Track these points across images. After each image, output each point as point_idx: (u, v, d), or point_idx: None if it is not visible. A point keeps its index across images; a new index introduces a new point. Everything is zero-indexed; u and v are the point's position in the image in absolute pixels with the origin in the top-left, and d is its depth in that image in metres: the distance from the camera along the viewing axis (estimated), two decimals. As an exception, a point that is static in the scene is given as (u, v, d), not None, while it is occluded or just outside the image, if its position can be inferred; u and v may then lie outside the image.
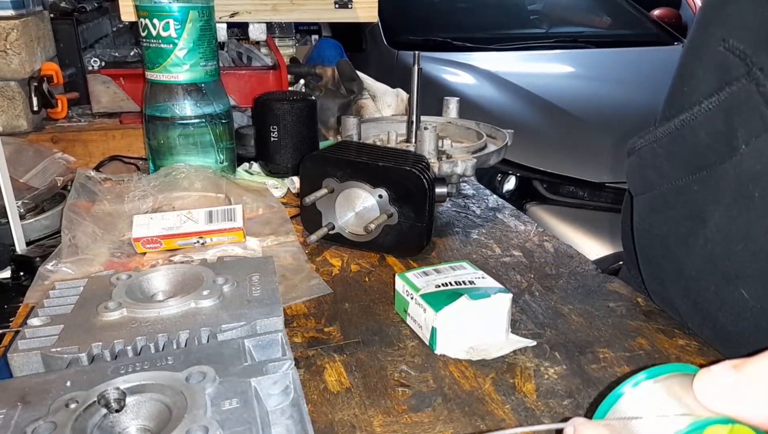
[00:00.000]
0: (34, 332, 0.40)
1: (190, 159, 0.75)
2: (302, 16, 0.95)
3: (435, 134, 0.67)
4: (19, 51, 0.86)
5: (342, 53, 1.36)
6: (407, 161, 0.60)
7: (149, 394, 0.33)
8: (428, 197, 0.58)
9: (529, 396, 0.41)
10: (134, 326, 0.41)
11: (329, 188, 0.61)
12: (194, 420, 0.30)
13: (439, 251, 0.63)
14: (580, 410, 0.40)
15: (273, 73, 0.99)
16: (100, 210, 0.66)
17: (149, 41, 0.71)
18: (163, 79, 0.72)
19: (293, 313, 0.51)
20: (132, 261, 0.58)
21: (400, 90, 1.08)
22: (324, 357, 0.45)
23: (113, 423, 0.32)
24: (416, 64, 0.70)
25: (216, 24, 0.76)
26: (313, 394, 0.41)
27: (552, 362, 0.45)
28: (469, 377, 0.43)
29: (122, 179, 0.73)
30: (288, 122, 0.79)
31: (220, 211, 0.61)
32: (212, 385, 0.33)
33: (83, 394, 0.32)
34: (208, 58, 0.73)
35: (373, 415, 0.39)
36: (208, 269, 0.48)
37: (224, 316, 0.42)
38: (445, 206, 0.75)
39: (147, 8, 0.69)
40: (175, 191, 0.70)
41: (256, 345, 0.39)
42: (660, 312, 0.52)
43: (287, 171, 0.81)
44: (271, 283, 0.47)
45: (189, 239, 0.60)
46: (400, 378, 0.43)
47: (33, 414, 0.32)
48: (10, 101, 0.88)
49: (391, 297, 0.54)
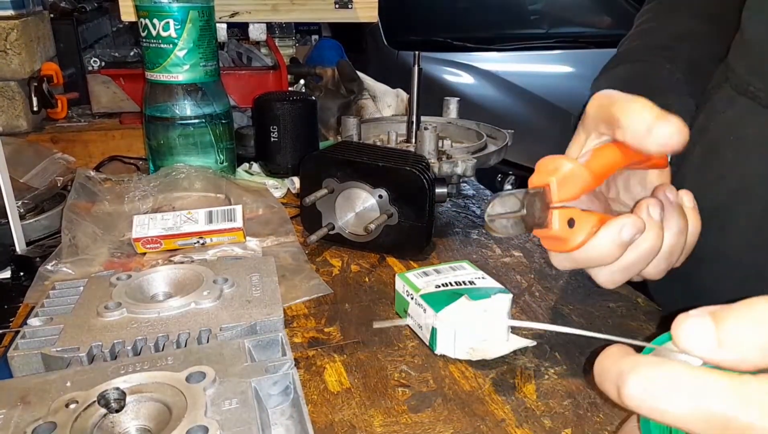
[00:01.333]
0: (34, 332, 0.40)
1: (190, 159, 0.75)
2: (302, 17, 0.95)
3: (435, 134, 0.67)
4: (19, 51, 0.86)
5: (342, 53, 1.36)
6: (407, 162, 0.60)
7: (149, 394, 0.33)
8: (428, 197, 0.58)
9: (529, 397, 0.41)
10: (134, 326, 0.41)
11: (329, 188, 0.61)
12: (194, 420, 0.30)
13: (439, 252, 0.63)
14: (580, 410, 0.40)
15: (273, 74, 0.99)
16: (100, 210, 0.66)
17: (149, 41, 0.71)
18: (162, 79, 0.72)
19: (293, 313, 0.51)
20: (132, 261, 0.58)
21: (401, 90, 1.08)
22: (324, 358, 0.45)
23: (113, 423, 0.32)
24: (416, 64, 0.70)
25: (216, 24, 0.76)
26: (313, 394, 0.41)
27: (552, 362, 0.45)
28: (469, 377, 0.43)
29: (122, 179, 0.73)
30: (288, 123, 0.79)
31: (220, 211, 0.61)
32: (212, 385, 0.33)
33: (83, 394, 0.32)
34: (208, 58, 0.73)
35: (373, 415, 0.39)
36: (208, 270, 0.48)
37: (224, 316, 0.42)
38: (445, 207, 0.75)
39: (147, 8, 0.69)
40: (175, 191, 0.70)
41: (256, 345, 0.39)
42: (660, 312, 0.52)
43: (287, 171, 0.81)
44: (271, 283, 0.47)
45: (189, 240, 0.60)
46: (400, 378, 0.43)
47: (33, 414, 0.32)
48: (9, 101, 0.88)
49: (391, 297, 0.54)
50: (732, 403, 0.22)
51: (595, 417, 0.39)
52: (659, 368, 0.24)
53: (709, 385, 0.22)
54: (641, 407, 0.24)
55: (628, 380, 0.24)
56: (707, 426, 0.22)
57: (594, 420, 0.39)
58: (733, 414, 0.22)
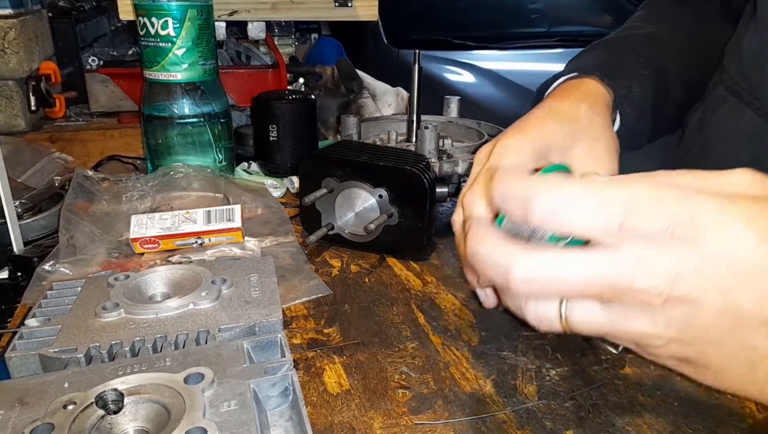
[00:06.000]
0: (32, 333, 0.40)
1: (188, 159, 0.75)
2: (302, 15, 0.95)
3: (435, 133, 0.67)
4: (17, 50, 0.86)
5: (342, 52, 1.36)
6: (407, 161, 0.59)
7: (147, 395, 0.33)
8: (429, 197, 0.58)
9: (530, 398, 0.41)
10: (132, 327, 0.41)
11: (329, 187, 0.61)
12: (192, 421, 0.30)
13: (439, 252, 0.63)
14: (582, 412, 0.39)
15: (272, 72, 0.99)
16: (98, 210, 0.65)
17: (147, 40, 0.70)
18: (161, 78, 0.72)
19: (292, 314, 0.51)
20: (130, 262, 0.58)
21: (401, 89, 1.07)
22: (323, 359, 0.45)
23: (111, 425, 0.32)
24: (417, 62, 0.70)
25: (215, 22, 0.76)
26: (312, 396, 0.41)
27: (554, 363, 0.45)
28: (470, 379, 0.43)
29: (120, 178, 0.73)
30: (287, 122, 0.79)
31: (219, 211, 0.61)
32: (210, 387, 0.33)
33: (81, 395, 0.32)
34: (206, 57, 0.73)
35: (373, 417, 0.39)
36: (206, 270, 0.47)
37: (223, 317, 0.42)
38: (445, 206, 0.75)
39: (145, 6, 0.69)
40: (173, 190, 0.69)
41: (254, 346, 0.38)
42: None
43: (286, 171, 0.81)
44: (270, 284, 0.47)
45: (187, 240, 0.60)
46: (400, 379, 0.43)
47: (31, 415, 0.31)
48: (7, 100, 0.87)
49: (392, 297, 0.53)
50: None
51: (597, 418, 0.39)
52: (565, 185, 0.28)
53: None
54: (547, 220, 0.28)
55: (535, 198, 0.28)
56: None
57: (595, 421, 0.38)
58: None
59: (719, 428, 0.38)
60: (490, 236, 0.30)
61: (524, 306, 0.30)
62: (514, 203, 0.28)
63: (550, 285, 0.28)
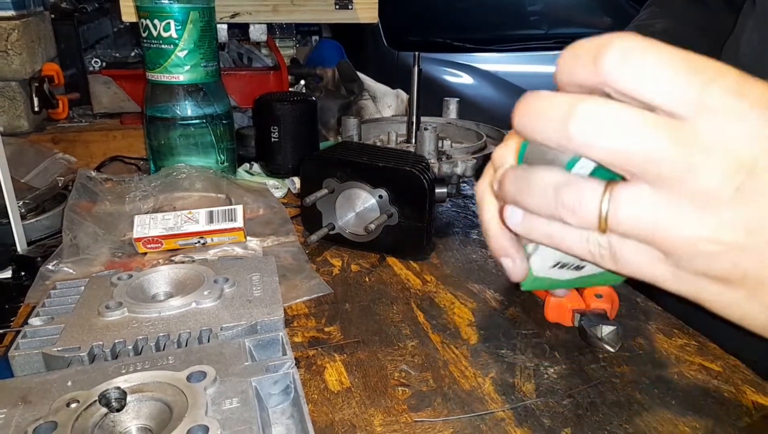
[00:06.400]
0: (35, 331, 0.40)
1: (190, 159, 0.75)
2: (303, 17, 0.95)
3: (435, 134, 0.67)
4: (20, 51, 0.86)
5: (342, 54, 1.37)
6: (407, 162, 0.60)
7: (150, 394, 0.33)
8: (428, 197, 0.58)
9: (528, 396, 0.41)
10: (135, 325, 0.41)
11: (330, 188, 0.61)
12: (195, 419, 0.30)
13: (439, 252, 0.63)
14: (580, 410, 0.40)
15: (273, 74, 0.99)
16: (101, 210, 0.66)
17: (150, 42, 0.71)
18: (163, 79, 0.72)
19: (294, 313, 0.51)
20: (133, 261, 0.58)
21: (401, 91, 1.08)
22: (324, 357, 0.45)
23: (114, 423, 0.32)
24: (416, 64, 0.70)
25: (217, 25, 0.76)
26: (313, 394, 0.41)
27: (552, 361, 0.45)
28: (468, 376, 0.43)
29: (123, 179, 0.74)
30: (288, 123, 0.79)
31: (221, 211, 0.61)
32: (213, 385, 0.34)
33: (84, 394, 0.33)
34: (208, 58, 0.73)
35: (373, 415, 0.39)
36: (208, 269, 0.48)
37: (225, 316, 0.42)
38: (445, 207, 0.76)
39: (148, 9, 0.69)
40: (175, 191, 0.70)
41: (256, 344, 0.39)
42: (660, 312, 0.52)
43: (288, 171, 0.81)
44: (272, 283, 0.47)
45: (190, 239, 0.60)
46: (400, 377, 0.43)
47: (34, 413, 0.32)
48: (11, 102, 0.88)
49: (392, 296, 0.54)
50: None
51: (595, 416, 0.39)
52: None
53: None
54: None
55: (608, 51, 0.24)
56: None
57: (593, 419, 0.39)
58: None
59: (716, 426, 0.38)
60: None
61: (564, 188, 0.26)
62: (580, 62, 0.25)
63: (612, 131, 0.24)
